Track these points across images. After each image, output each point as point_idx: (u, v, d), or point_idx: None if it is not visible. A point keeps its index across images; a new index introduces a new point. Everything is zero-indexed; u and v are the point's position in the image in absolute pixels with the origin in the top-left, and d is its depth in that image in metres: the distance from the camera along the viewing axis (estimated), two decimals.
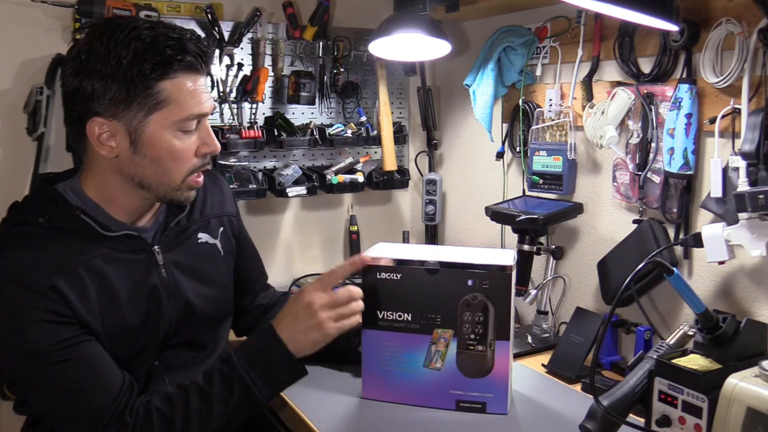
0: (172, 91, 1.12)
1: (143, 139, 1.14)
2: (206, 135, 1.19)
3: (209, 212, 1.37)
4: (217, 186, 1.44)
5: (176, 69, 1.12)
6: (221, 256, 1.38)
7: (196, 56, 1.14)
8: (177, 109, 1.13)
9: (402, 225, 2.28)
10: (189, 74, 1.14)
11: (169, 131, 1.14)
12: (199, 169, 1.20)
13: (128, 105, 1.11)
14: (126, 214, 1.23)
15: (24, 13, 1.65)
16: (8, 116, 1.68)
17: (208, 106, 1.17)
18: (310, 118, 2.03)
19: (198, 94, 1.15)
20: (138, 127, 1.13)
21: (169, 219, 1.29)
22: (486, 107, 1.84)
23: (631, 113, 1.50)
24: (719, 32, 1.30)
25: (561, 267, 1.75)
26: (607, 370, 1.50)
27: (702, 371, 1.04)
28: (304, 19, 1.96)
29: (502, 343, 1.26)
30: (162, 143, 1.15)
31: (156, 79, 1.10)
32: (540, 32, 1.74)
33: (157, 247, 1.25)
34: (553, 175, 1.70)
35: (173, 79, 1.12)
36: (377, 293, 1.30)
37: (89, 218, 1.17)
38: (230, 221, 1.43)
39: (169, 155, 1.16)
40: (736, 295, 1.36)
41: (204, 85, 1.18)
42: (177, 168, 1.17)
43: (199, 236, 1.34)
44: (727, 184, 1.31)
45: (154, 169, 1.17)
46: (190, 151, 1.18)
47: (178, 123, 1.14)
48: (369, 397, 1.34)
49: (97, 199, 1.20)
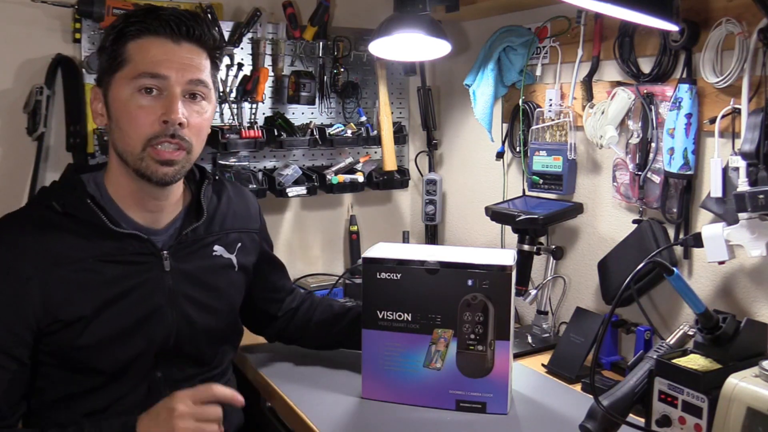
0: (133, 50, 1.14)
1: (110, 101, 1.16)
2: (169, 102, 1.13)
3: (230, 226, 1.35)
4: (243, 199, 1.42)
5: (141, 31, 1.13)
6: (234, 272, 1.35)
7: (169, 23, 1.14)
8: (133, 66, 1.13)
9: (402, 225, 2.28)
10: (156, 38, 1.14)
11: (127, 90, 1.13)
12: (160, 139, 1.14)
13: (105, 70, 1.16)
14: (138, 211, 1.22)
15: (24, 13, 1.65)
16: (8, 116, 1.68)
17: (169, 69, 1.13)
18: (310, 118, 2.03)
19: (159, 55, 1.13)
20: (108, 88, 1.16)
21: (184, 226, 1.27)
22: (486, 107, 1.84)
23: (631, 113, 1.50)
24: (719, 32, 1.30)
25: (561, 267, 1.75)
26: (607, 370, 1.50)
27: (702, 371, 1.04)
28: (304, 19, 1.96)
29: (502, 343, 1.26)
30: (119, 103, 1.14)
31: (124, 42, 1.14)
32: (540, 32, 1.74)
33: (166, 252, 1.23)
34: (553, 175, 1.70)
35: (137, 41, 1.14)
36: (377, 293, 1.30)
37: (100, 210, 1.17)
38: (251, 237, 1.40)
39: (126, 116, 1.14)
40: (736, 295, 1.36)
41: (178, 53, 1.15)
42: (134, 131, 1.14)
43: (215, 249, 1.31)
44: (727, 184, 1.31)
45: (118, 133, 1.16)
46: (147, 115, 1.13)
47: (133, 81, 1.13)
48: (369, 397, 1.34)
49: (113, 193, 1.22)
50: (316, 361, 1.51)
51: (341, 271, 2.13)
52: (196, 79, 1.16)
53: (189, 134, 1.17)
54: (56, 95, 1.71)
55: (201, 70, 1.17)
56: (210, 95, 1.21)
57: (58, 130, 1.72)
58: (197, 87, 1.17)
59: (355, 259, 2.10)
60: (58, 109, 1.72)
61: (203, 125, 1.20)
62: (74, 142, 1.70)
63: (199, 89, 1.17)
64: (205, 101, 1.20)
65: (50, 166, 1.73)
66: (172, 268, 1.23)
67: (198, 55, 1.17)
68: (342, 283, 1.95)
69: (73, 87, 1.70)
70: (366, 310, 1.31)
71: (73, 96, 1.70)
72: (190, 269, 1.26)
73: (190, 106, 1.17)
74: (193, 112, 1.17)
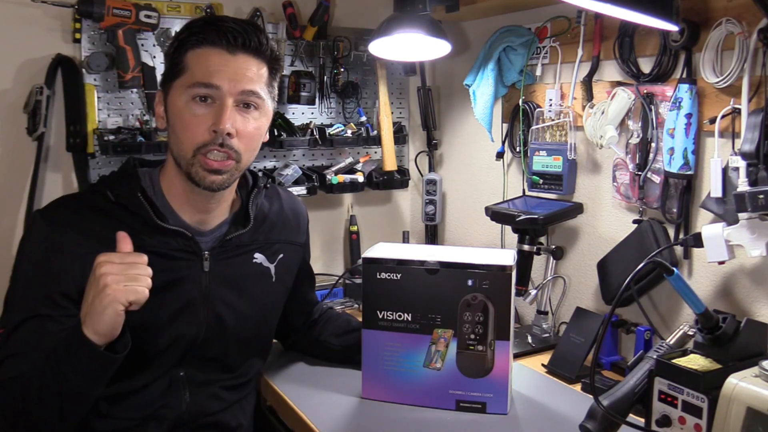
0: (191, 60, 1.18)
1: (168, 106, 1.21)
2: (219, 112, 1.16)
3: (275, 237, 1.37)
4: (294, 213, 1.44)
5: (200, 41, 1.17)
6: (272, 282, 1.36)
7: (228, 35, 1.16)
8: (190, 75, 1.17)
9: (402, 225, 2.28)
10: (213, 48, 1.17)
11: (182, 98, 1.17)
12: (209, 147, 1.17)
13: (166, 76, 1.22)
14: (187, 211, 1.25)
15: (24, 13, 1.65)
16: (8, 116, 1.68)
17: (222, 79, 1.16)
18: (310, 118, 2.03)
19: (215, 66, 1.16)
20: (168, 94, 1.21)
21: (230, 231, 1.30)
22: (486, 107, 1.84)
23: (631, 113, 1.50)
24: (719, 32, 1.30)
25: (561, 267, 1.75)
26: (607, 370, 1.50)
27: (702, 371, 1.04)
28: (304, 19, 1.96)
29: (502, 343, 1.26)
30: (175, 109, 1.18)
31: (184, 51, 1.18)
32: (540, 32, 1.74)
33: (207, 253, 1.26)
34: (553, 175, 1.70)
35: (196, 50, 1.18)
36: (377, 293, 1.30)
37: (148, 204, 1.20)
38: (294, 250, 1.42)
39: (180, 123, 1.18)
40: (736, 295, 1.36)
41: (233, 64, 1.17)
42: (186, 138, 1.17)
43: (255, 256, 1.33)
44: (727, 184, 1.31)
45: (173, 138, 1.21)
46: (199, 123, 1.16)
47: (188, 89, 1.16)
48: (369, 397, 1.34)
49: (166, 190, 1.25)
50: (316, 361, 1.52)
51: (341, 271, 2.13)
52: (249, 90, 1.18)
53: (238, 144, 1.19)
54: (56, 95, 1.71)
55: (255, 80, 1.19)
56: (263, 105, 1.22)
57: (58, 130, 1.72)
58: (249, 97, 1.19)
59: (355, 259, 2.10)
60: (58, 109, 1.72)
61: (254, 135, 1.22)
62: (74, 142, 1.70)
63: (251, 99, 1.20)
64: (257, 111, 1.21)
65: (50, 166, 1.73)
66: (211, 269, 1.26)
67: (254, 65, 1.20)
68: (342, 283, 1.95)
69: (73, 87, 1.70)
70: (366, 310, 1.31)
71: (73, 96, 1.70)
72: (227, 273, 1.29)
73: (242, 115, 1.19)
74: (244, 121, 1.19)
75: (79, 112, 1.70)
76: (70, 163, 1.72)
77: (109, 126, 1.75)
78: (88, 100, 1.70)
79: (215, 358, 1.29)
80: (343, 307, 1.89)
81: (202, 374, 1.28)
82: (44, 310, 1.13)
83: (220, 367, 1.31)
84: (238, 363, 1.34)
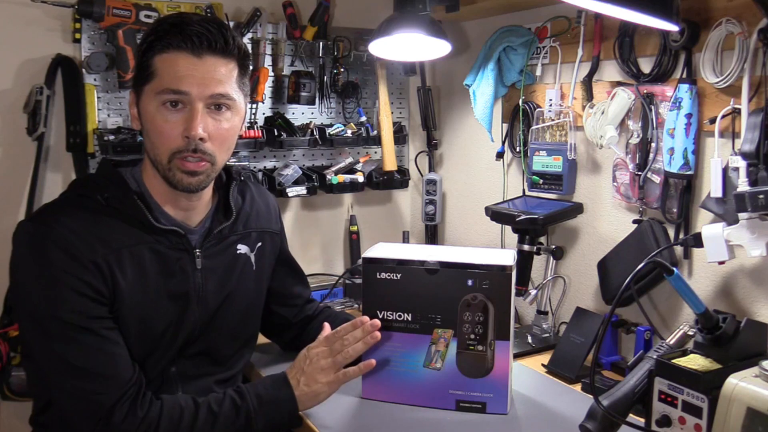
0: (159, 64, 1.16)
1: (141, 110, 1.20)
2: (189, 117, 1.16)
3: (252, 226, 1.38)
4: (265, 201, 1.45)
5: (166, 46, 1.15)
6: (252, 271, 1.37)
7: (193, 38, 1.15)
8: (158, 81, 1.16)
9: (402, 225, 2.28)
10: (179, 52, 1.15)
11: (153, 104, 1.17)
12: (184, 153, 1.17)
13: (138, 78, 1.20)
14: (171, 209, 1.26)
15: (24, 13, 1.65)
16: (8, 116, 1.68)
17: (191, 85, 1.15)
18: (310, 118, 2.03)
19: (182, 71, 1.15)
20: (139, 98, 1.20)
21: (213, 225, 1.30)
22: (486, 107, 1.84)
23: (631, 113, 1.50)
24: (719, 32, 1.30)
25: (561, 267, 1.75)
26: (607, 370, 1.50)
27: (702, 371, 1.04)
28: (304, 19, 1.96)
29: (502, 343, 1.26)
30: (148, 115, 1.18)
31: (151, 55, 1.17)
32: (540, 32, 1.74)
33: (199, 250, 1.27)
34: (553, 175, 1.70)
35: (162, 55, 1.16)
36: (377, 293, 1.30)
37: (144, 205, 1.21)
38: (272, 238, 1.43)
39: (153, 128, 1.18)
40: (736, 295, 1.36)
41: (200, 68, 1.16)
42: (161, 144, 1.17)
43: (238, 247, 1.35)
44: (727, 184, 1.31)
45: (149, 143, 1.21)
46: (171, 129, 1.16)
47: (158, 95, 1.16)
48: (369, 397, 1.34)
49: (150, 189, 1.25)
50: None
51: (341, 271, 2.13)
52: (218, 93, 1.18)
53: (211, 147, 1.19)
54: (56, 95, 1.71)
55: (224, 81, 1.18)
56: (235, 105, 1.22)
57: (58, 130, 1.72)
58: (219, 100, 1.19)
59: (355, 259, 2.10)
60: (58, 109, 1.72)
61: (227, 135, 1.22)
62: (74, 142, 1.70)
63: (222, 101, 1.19)
64: (229, 111, 1.21)
65: (50, 166, 1.73)
66: (203, 266, 1.27)
67: (222, 66, 1.18)
68: (342, 283, 1.95)
69: (73, 87, 1.70)
70: (366, 310, 1.31)
71: (73, 96, 1.70)
72: (217, 267, 1.30)
73: (213, 117, 1.19)
74: (216, 123, 1.19)
75: (79, 112, 1.70)
76: (70, 163, 1.72)
77: (109, 126, 1.75)
78: (88, 100, 1.70)
79: (205, 351, 1.31)
80: (343, 307, 1.90)
81: (194, 369, 1.29)
82: (92, 325, 1.13)
83: (210, 360, 1.32)
84: (228, 355, 1.35)
